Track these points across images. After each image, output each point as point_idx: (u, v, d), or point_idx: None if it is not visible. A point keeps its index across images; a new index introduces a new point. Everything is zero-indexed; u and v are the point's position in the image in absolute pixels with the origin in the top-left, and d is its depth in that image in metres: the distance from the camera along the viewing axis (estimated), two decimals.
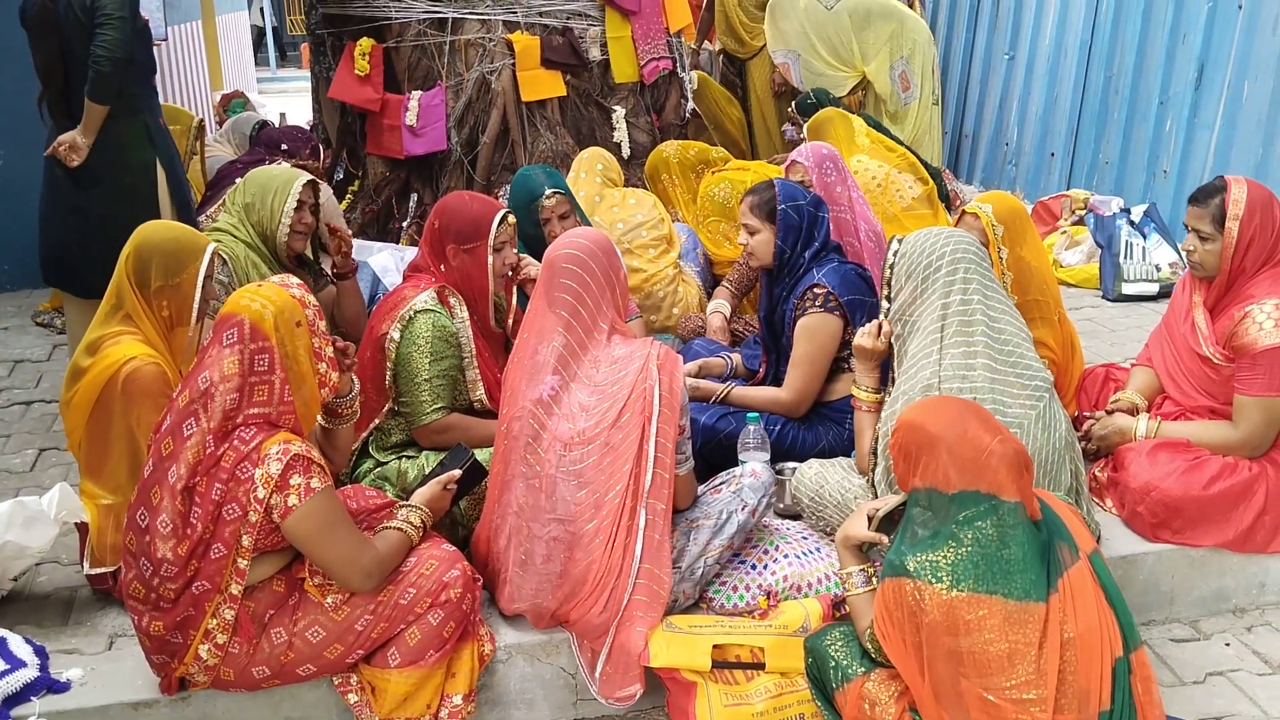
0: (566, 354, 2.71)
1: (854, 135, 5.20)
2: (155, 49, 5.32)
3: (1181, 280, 3.42)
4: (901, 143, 5.74)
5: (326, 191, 5.01)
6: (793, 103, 6.30)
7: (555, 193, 3.89)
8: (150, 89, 4.36)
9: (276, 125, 7.96)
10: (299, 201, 3.67)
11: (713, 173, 5.11)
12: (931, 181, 5.22)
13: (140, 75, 4.22)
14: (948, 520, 2.19)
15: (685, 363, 3.71)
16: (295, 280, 2.52)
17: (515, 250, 3.33)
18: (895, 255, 2.87)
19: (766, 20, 6.69)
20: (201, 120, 6.15)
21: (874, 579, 2.48)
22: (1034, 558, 2.17)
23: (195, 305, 2.95)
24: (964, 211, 3.58)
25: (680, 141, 5.34)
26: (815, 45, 6.44)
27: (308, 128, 6.37)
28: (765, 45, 7.56)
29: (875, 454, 2.89)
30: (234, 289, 3.48)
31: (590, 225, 4.10)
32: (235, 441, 2.36)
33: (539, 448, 2.67)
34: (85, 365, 2.89)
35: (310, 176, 3.75)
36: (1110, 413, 3.42)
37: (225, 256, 3.58)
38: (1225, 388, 3.19)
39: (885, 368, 2.97)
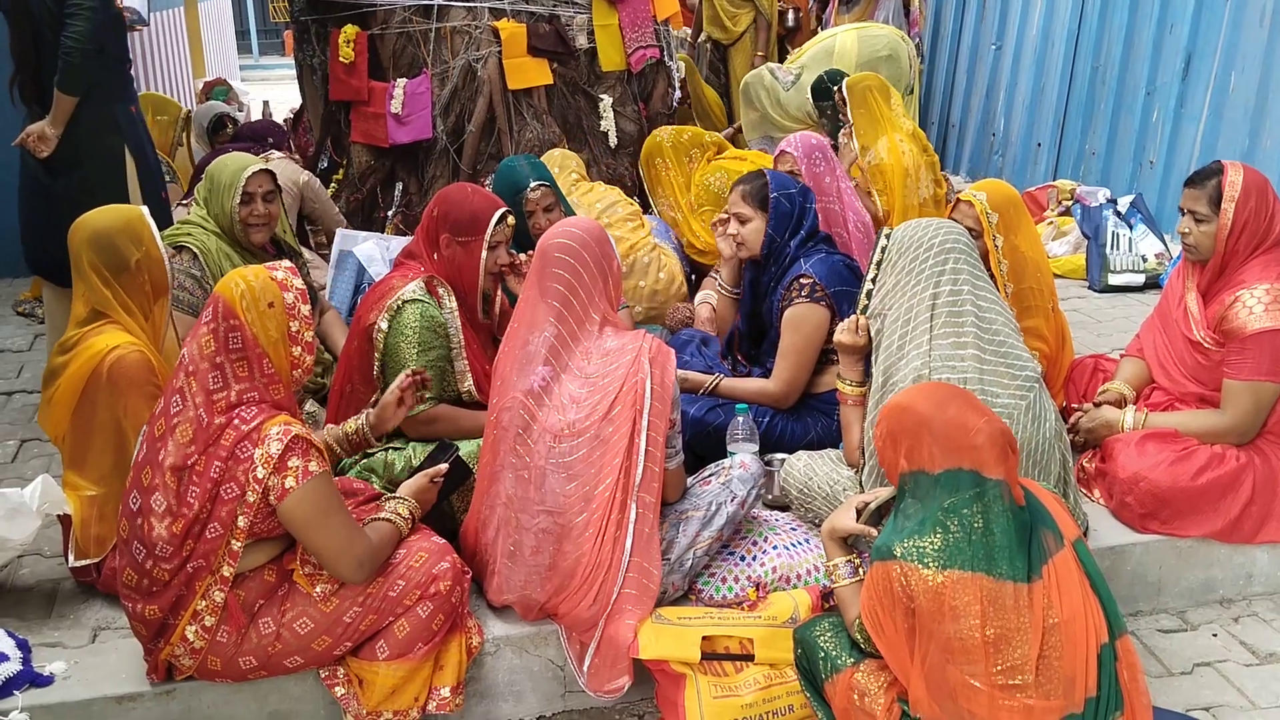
0: (558, 344, 2.69)
1: (893, 113, 5.12)
2: (137, 34, 5.23)
3: (1176, 268, 3.44)
4: None
5: (315, 183, 4.99)
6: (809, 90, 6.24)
7: (540, 185, 3.88)
8: (122, 78, 4.28)
9: (260, 114, 7.92)
10: (248, 195, 3.61)
11: (708, 160, 5.08)
12: (946, 184, 5.19)
13: (111, 64, 4.13)
14: (934, 505, 2.19)
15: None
16: (286, 264, 2.51)
17: (509, 250, 3.30)
18: (883, 251, 2.86)
19: (741, 114, 6.69)
20: (189, 111, 6.10)
21: (860, 570, 2.48)
22: (1017, 542, 2.17)
23: (167, 264, 2.97)
24: (959, 199, 3.57)
25: (674, 126, 5.31)
26: (779, 121, 6.45)
27: (292, 115, 6.34)
28: (746, 31, 7.58)
29: (864, 453, 2.89)
30: (206, 282, 3.46)
31: (576, 215, 4.08)
32: (236, 420, 2.35)
33: (529, 439, 2.65)
34: (62, 361, 2.86)
35: (259, 167, 3.66)
36: (1098, 404, 3.42)
37: (196, 251, 3.54)
38: (1215, 374, 3.20)
39: (870, 360, 2.97)
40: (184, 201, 5.09)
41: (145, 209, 3.00)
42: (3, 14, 4.12)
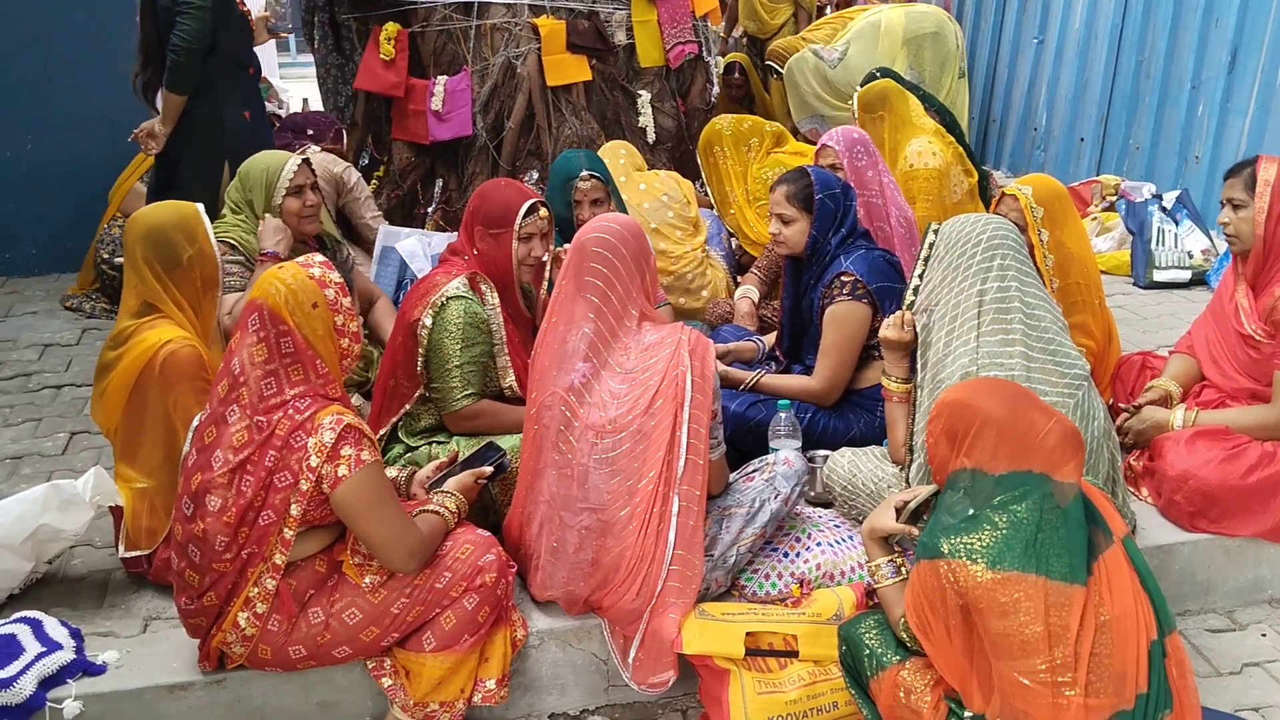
0: (597, 341, 2.69)
1: (912, 115, 5.05)
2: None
3: (1229, 266, 3.41)
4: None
5: (352, 176, 5.02)
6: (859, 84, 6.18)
7: (591, 176, 3.86)
8: (238, 80, 4.28)
9: (299, 111, 7.96)
10: (298, 187, 3.61)
11: (766, 152, 5.05)
12: (976, 174, 5.13)
13: (225, 66, 4.16)
14: (984, 504, 2.17)
15: (715, 346, 3.69)
16: (319, 258, 2.53)
17: (549, 243, 3.30)
18: (930, 247, 2.84)
19: (789, 95, 6.63)
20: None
21: (903, 569, 2.47)
22: (1075, 540, 2.15)
23: (218, 259, 3.00)
24: (1003, 193, 3.54)
25: (734, 115, 5.28)
26: (829, 100, 6.40)
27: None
28: (785, 25, 7.51)
29: (911, 449, 2.87)
30: (249, 263, 3.48)
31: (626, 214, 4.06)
32: (290, 410, 2.38)
33: (570, 436, 2.66)
34: (115, 355, 2.89)
35: (300, 160, 3.67)
36: (1139, 408, 3.38)
37: (235, 243, 3.57)
38: (1266, 368, 3.17)
39: (916, 357, 2.95)
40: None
41: (200, 206, 3.03)
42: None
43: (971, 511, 2.19)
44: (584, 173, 3.86)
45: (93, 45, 5.87)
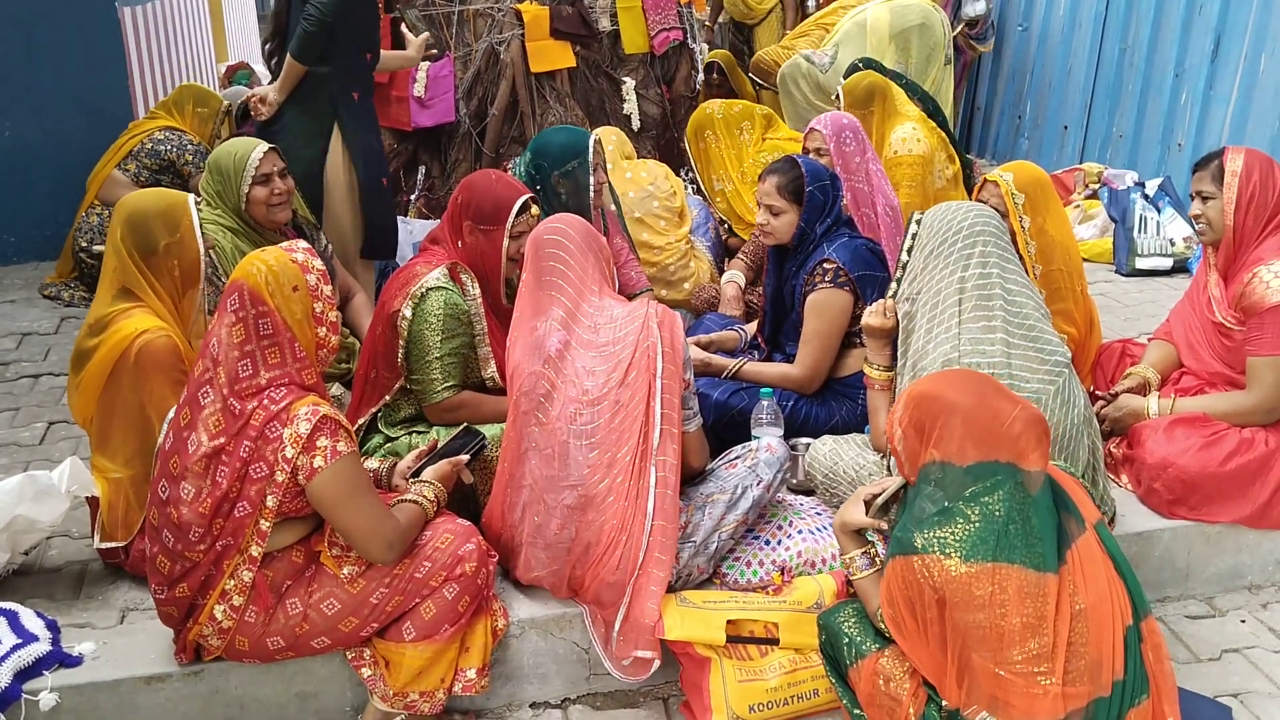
0: (566, 316, 2.74)
1: (898, 105, 5.05)
2: (155, 14, 5.17)
3: (1203, 255, 3.42)
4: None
5: None
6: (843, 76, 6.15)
7: (597, 141, 3.82)
8: (354, 63, 4.23)
9: None
10: (264, 175, 3.57)
11: (762, 138, 5.03)
12: (959, 161, 5.12)
13: (346, 46, 4.12)
14: (957, 496, 2.17)
15: (698, 336, 3.70)
16: (303, 244, 2.52)
17: None
18: (913, 236, 2.84)
19: (783, 107, 6.57)
20: (230, 105, 6.07)
21: (877, 559, 2.47)
22: (1041, 529, 2.15)
23: (202, 257, 2.96)
24: (984, 179, 3.55)
25: (723, 100, 5.25)
26: (823, 106, 6.34)
27: None
28: (772, 10, 7.47)
29: None
30: (218, 280, 3.43)
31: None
32: (265, 400, 2.36)
33: (550, 409, 2.67)
34: (92, 345, 2.87)
35: (267, 145, 3.63)
36: (1116, 395, 3.39)
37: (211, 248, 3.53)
38: (1241, 355, 3.19)
39: (898, 344, 2.95)
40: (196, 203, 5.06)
41: (192, 198, 2.99)
42: None
43: (945, 504, 2.19)
44: (594, 138, 3.79)
45: (72, 32, 5.83)
